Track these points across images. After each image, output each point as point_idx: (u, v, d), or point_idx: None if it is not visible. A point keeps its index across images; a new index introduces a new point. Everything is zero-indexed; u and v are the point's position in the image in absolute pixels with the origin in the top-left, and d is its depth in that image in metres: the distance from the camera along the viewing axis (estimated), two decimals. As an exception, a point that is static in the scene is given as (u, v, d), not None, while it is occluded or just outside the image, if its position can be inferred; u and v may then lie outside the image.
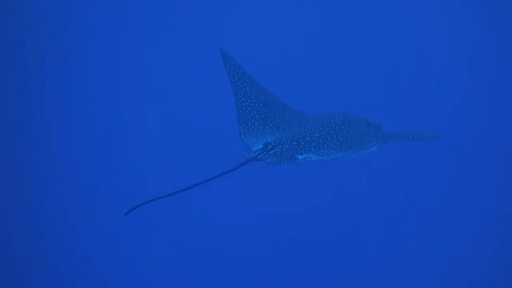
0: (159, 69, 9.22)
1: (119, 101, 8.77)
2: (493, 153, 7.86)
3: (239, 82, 5.90)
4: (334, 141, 5.37)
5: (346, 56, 9.56)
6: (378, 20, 10.13)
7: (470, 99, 8.66)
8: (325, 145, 5.32)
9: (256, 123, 5.70)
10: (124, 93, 8.90)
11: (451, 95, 8.81)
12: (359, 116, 5.95)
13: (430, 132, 5.53)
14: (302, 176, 6.50)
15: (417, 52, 9.57)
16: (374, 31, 10.06)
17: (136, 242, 7.24)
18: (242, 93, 5.86)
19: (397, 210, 7.32)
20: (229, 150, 5.72)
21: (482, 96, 8.77)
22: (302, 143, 5.32)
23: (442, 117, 8.23)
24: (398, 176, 7.44)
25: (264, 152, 5.23)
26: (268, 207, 7.18)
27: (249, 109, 5.78)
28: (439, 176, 7.58)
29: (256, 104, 5.85)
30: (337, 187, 7.22)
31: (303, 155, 5.25)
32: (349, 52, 9.76)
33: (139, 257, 7.17)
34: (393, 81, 9.11)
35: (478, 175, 7.65)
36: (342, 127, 5.60)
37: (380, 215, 7.27)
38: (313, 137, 5.39)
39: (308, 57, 9.45)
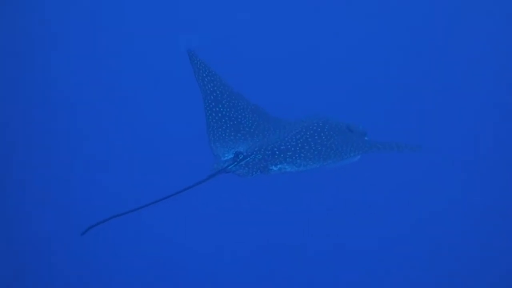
0: (122, 77, 8.76)
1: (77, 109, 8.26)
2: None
3: (209, 86, 5.38)
4: (312, 150, 4.85)
5: (334, 55, 9.14)
6: (366, 19, 9.70)
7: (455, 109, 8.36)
8: (302, 155, 4.80)
9: (227, 130, 5.18)
10: (85, 98, 8.39)
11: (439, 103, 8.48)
12: (341, 122, 5.42)
13: (411, 144, 5.09)
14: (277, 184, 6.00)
15: (413, 57, 9.20)
16: (363, 28, 9.67)
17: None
18: (212, 97, 5.33)
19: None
20: (198, 160, 5.23)
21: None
22: (277, 152, 4.80)
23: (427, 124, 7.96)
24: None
25: (235, 163, 4.71)
26: (242, 219, 6.70)
27: (220, 115, 5.26)
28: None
29: (228, 110, 5.33)
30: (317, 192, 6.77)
31: (278, 166, 4.73)
32: (337, 49, 9.36)
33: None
34: (381, 83, 8.69)
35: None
36: (322, 134, 5.07)
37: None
38: (289, 146, 4.87)
39: (290, 57, 8.97)
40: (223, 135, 5.12)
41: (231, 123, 5.24)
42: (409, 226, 6.90)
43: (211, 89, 5.36)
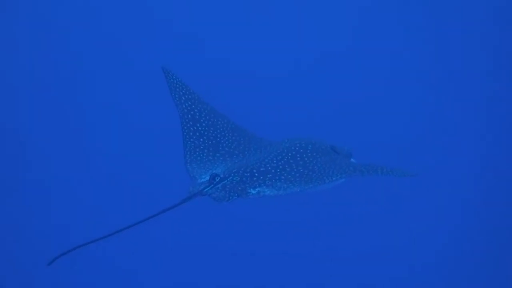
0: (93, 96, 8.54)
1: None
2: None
3: (186, 104, 5.12)
4: (293, 173, 4.56)
5: (319, 77, 8.97)
6: (352, 40, 9.57)
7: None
8: (283, 177, 4.50)
9: (205, 150, 4.90)
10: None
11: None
12: (325, 142, 5.14)
13: (401, 169, 4.67)
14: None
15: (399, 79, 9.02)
16: (352, 50, 9.51)
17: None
18: (189, 116, 5.07)
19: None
20: (173, 182, 4.93)
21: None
22: (256, 174, 4.50)
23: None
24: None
25: (211, 186, 4.41)
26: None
27: (197, 134, 4.99)
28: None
29: (206, 129, 5.06)
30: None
31: (256, 189, 4.42)
32: (323, 71, 9.19)
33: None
34: (366, 103, 8.50)
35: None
36: (304, 155, 4.78)
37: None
38: (269, 168, 4.58)
39: (275, 77, 8.77)
40: (201, 155, 4.85)
41: (210, 142, 4.97)
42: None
43: (188, 107, 5.10)
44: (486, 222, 7.04)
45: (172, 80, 5.19)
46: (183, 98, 5.14)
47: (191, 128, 4.99)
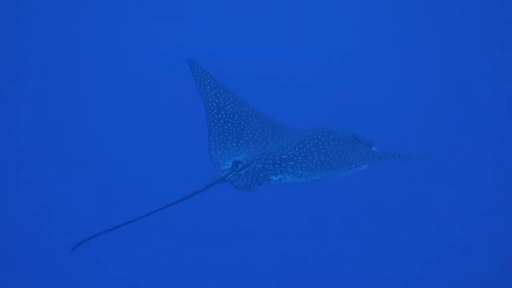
0: (118, 85, 8.59)
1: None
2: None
3: (211, 93, 5.26)
4: (315, 161, 4.66)
5: (343, 66, 8.92)
6: (376, 28, 9.49)
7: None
8: (304, 165, 4.61)
9: (229, 137, 5.03)
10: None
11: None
12: (347, 131, 5.21)
13: (417, 153, 4.86)
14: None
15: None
16: (375, 40, 9.42)
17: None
18: (214, 104, 5.21)
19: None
20: (198, 169, 5.08)
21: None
22: (278, 161, 4.61)
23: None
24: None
25: (234, 172, 4.55)
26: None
27: (222, 121, 5.12)
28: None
29: (231, 116, 5.19)
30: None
31: (278, 176, 4.55)
32: (346, 60, 9.12)
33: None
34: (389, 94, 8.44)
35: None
36: (326, 144, 4.87)
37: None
38: (291, 155, 4.69)
39: (302, 66, 8.77)
40: (225, 142, 4.98)
41: (234, 129, 5.09)
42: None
43: (213, 96, 5.24)
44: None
45: (197, 70, 5.34)
46: (208, 87, 5.27)
47: (216, 116, 5.13)
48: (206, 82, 5.30)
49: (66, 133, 7.83)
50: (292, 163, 4.61)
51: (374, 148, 5.26)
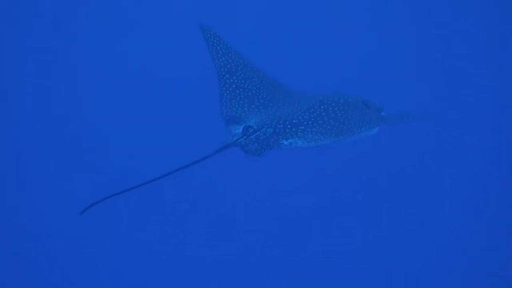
0: (131, 54, 8.66)
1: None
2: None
3: (223, 58, 5.29)
4: (325, 125, 4.73)
5: (354, 36, 8.87)
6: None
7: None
8: (314, 130, 4.69)
9: (241, 102, 5.09)
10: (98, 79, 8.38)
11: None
12: (357, 96, 5.26)
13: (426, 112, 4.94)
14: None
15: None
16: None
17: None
18: (226, 69, 5.25)
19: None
20: (210, 133, 5.16)
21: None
22: (289, 126, 4.69)
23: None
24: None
25: (244, 137, 4.63)
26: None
27: (233, 86, 5.17)
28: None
29: (242, 81, 5.23)
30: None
31: (289, 140, 4.63)
32: (357, 32, 9.06)
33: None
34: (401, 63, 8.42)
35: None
36: (336, 108, 4.93)
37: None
38: (302, 120, 4.76)
39: (313, 34, 8.71)
40: (236, 106, 5.03)
41: (245, 94, 5.14)
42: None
43: (225, 61, 5.28)
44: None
45: (209, 35, 5.35)
46: (220, 52, 5.31)
47: (228, 81, 5.17)
48: (218, 48, 5.32)
49: (66, 133, 7.95)
50: (303, 127, 4.69)
51: (383, 114, 5.31)
